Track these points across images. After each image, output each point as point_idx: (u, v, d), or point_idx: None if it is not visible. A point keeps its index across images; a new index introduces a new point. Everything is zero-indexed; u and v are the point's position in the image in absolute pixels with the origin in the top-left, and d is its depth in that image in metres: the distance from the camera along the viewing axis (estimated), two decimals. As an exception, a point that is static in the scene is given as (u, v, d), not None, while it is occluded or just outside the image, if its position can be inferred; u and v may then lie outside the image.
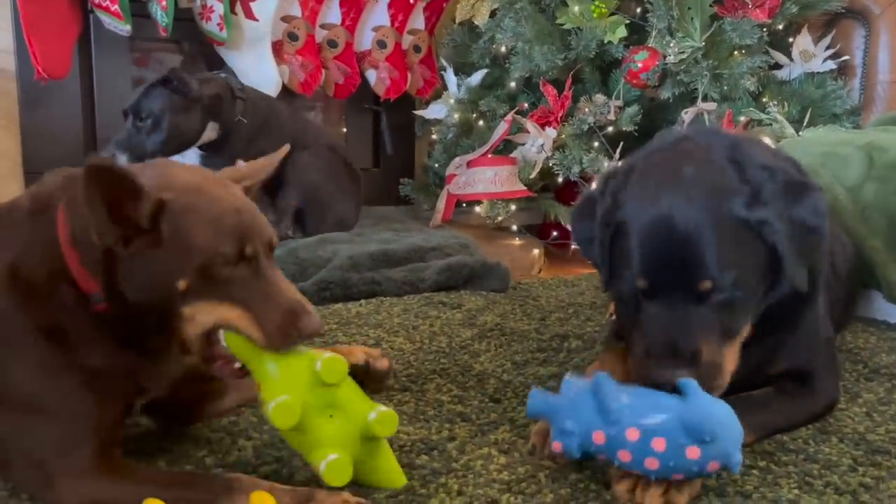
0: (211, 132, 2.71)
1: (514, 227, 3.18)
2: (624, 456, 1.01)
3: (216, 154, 2.78)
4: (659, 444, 0.98)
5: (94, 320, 1.02)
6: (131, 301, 0.99)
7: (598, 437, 1.03)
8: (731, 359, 1.12)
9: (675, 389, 1.03)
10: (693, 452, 0.98)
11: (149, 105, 2.58)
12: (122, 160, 2.58)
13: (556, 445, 1.06)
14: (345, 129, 3.86)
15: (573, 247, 3.05)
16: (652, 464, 0.99)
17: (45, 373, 1.01)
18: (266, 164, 1.22)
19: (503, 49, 3.25)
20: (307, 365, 1.01)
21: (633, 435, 1.00)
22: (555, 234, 3.17)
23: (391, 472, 1.07)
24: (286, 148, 1.30)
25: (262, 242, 1.03)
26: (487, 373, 1.60)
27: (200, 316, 1.00)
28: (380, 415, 1.01)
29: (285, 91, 3.28)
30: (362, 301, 2.20)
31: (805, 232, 1.14)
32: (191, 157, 2.78)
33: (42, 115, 3.14)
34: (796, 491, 1.09)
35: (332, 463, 0.98)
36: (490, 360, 1.70)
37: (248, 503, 0.92)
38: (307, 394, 1.00)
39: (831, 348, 1.43)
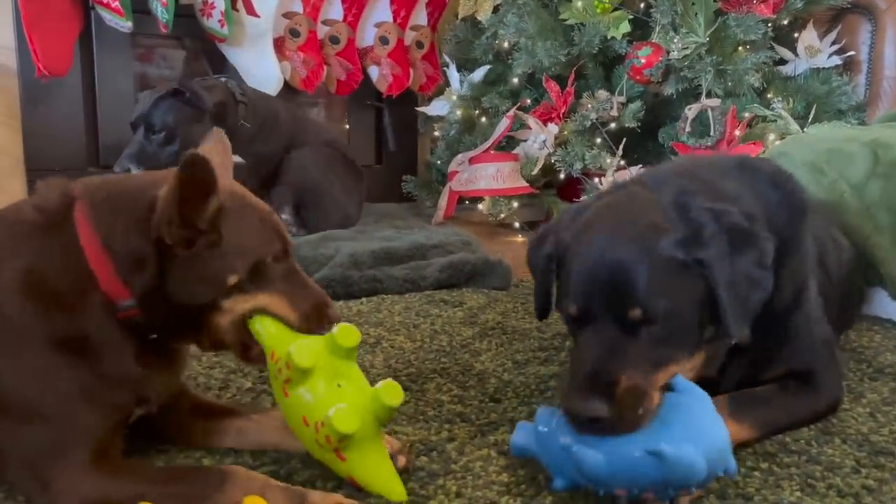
0: None
1: (517, 224, 3.17)
2: (620, 493, 1.00)
3: None
4: (649, 496, 0.99)
5: (116, 327, 1.04)
6: (176, 301, 1.04)
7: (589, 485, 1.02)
8: (662, 382, 1.07)
9: (592, 421, 0.99)
10: (685, 492, 0.99)
11: (161, 118, 2.57)
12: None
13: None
14: (347, 126, 3.86)
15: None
16: (649, 496, 1.00)
17: (52, 380, 1.01)
18: (219, 148, 1.29)
19: (506, 45, 3.23)
20: (322, 337, 1.08)
21: (620, 492, 1.00)
22: (557, 230, 3.16)
23: (392, 483, 1.04)
24: (222, 135, 1.33)
25: (291, 243, 1.14)
26: (488, 372, 1.59)
27: (238, 305, 1.06)
28: (386, 384, 1.03)
29: (287, 88, 3.27)
30: (363, 299, 2.19)
31: (747, 283, 1.12)
32: None
33: (44, 113, 3.14)
34: (798, 493, 1.07)
35: (340, 410, 1.00)
36: (491, 359, 1.69)
37: (242, 496, 0.94)
38: (320, 360, 1.04)
39: (831, 348, 1.41)
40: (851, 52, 2.98)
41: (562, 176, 2.99)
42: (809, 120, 2.71)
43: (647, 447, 0.95)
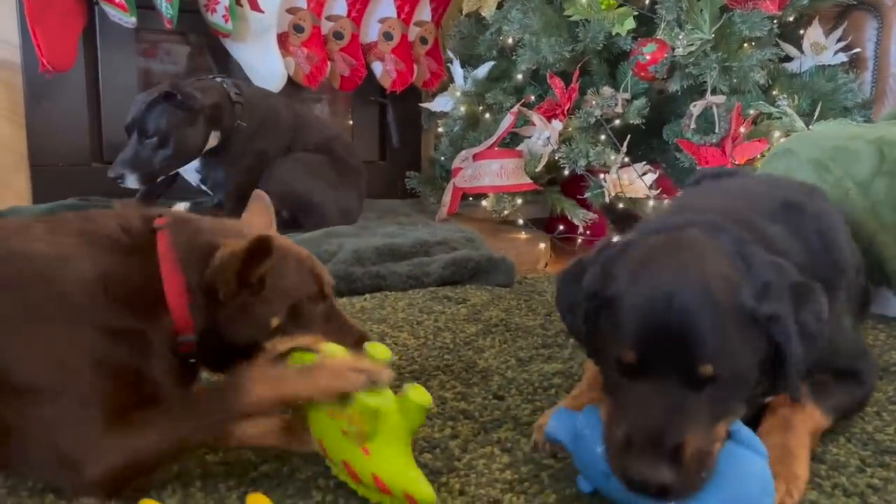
0: (213, 140, 2.70)
1: (521, 221, 3.16)
2: None
3: (216, 159, 2.77)
4: None
5: (171, 351, 1.12)
6: (226, 341, 1.14)
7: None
8: (719, 440, 1.01)
9: (658, 490, 0.93)
10: None
11: (153, 122, 2.56)
12: (132, 179, 2.58)
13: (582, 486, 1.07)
14: (351, 122, 3.85)
15: (579, 241, 3.04)
16: None
17: (88, 360, 1.02)
18: (260, 214, 1.40)
19: (510, 41, 3.22)
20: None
21: None
22: (561, 228, 3.15)
23: (420, 482, 1.00)
24: (263, 196, 1.43)
25: (328, 284, 1.25)
26: (492, 369, 1.59)
27: (279, 345, 1.12)
28: (413, 386, 1.04)
29: (290, 83, 3.26)
30: (367, 295, 2.19)
31: (808, 339, 1.06)
32: (191, 165, 2.77)
33: (47, 108, 3.14)
34: (806, 494, 1.07)
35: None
36: (494, 356, 1.68)
37: (260, 392, 1.00)
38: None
39: (863, 345, 1.43)
40: (857, 50, 2.96)
41: (566, 173, 2.97)
42: (815, 117, 2.70)
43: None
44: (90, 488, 0.96)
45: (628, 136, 2.84)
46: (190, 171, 2.84)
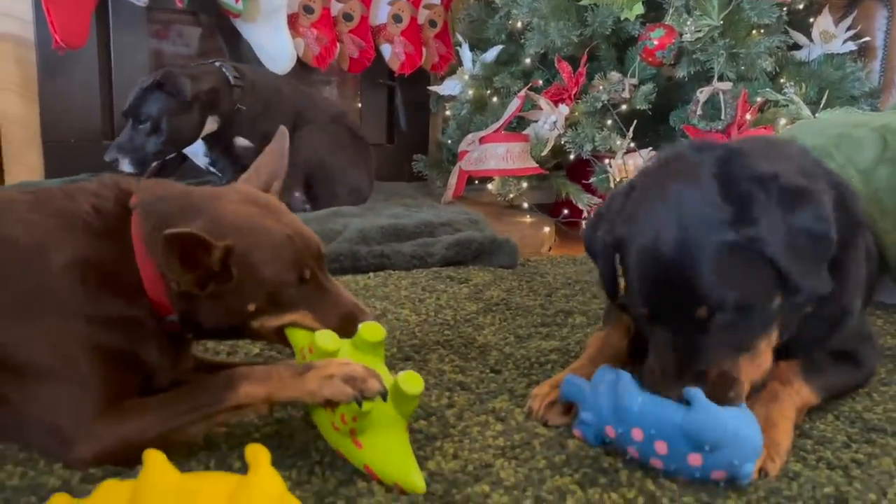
0: (212, 125, 2.73)
1: (526, 205, 3.18)
2: (632, 451, 1.06)
3: (219, 141, 2.80)
4: (661, 447, 1.02)
5: (156, 325, 1.13)
6: (205, 326, 1.13)
7: (610, 432, 1.09)
8: (749, 369, 1.09)
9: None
10: (694, 459, 1.00)
11: (146, 109, 2.60)
12: (125, 164, 2.62)
13: (576, 432, 1.14)
14: (359, 104, 3.87)
15: (583, 225, 3.05)
16: (657, 463, 1.04)
17: (80, 346, 1.05)
18: (276, 161, 1.33)
19: (519, 25, 3.22)
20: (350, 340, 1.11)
21: (637, 435, 1.04)
22: (566, 212, 3.17)
23: (410, 473, 1.00)
24: (285, 134, 1.37)
25: (314, 258, 1.17)
26: (490, 345, 1.62)
27: (268, 323, 1.14)
28: (406, 374, 1.02)
29: (300, 64, 3.28)
30: (371, 274, 2.22)
31: (811, 239, 1.08)
32: (197, 147, 2.81)
33: (60, 85, 3.17)
34: (790, 465, 1.10)
35: (324, 332, 1.07)
36: (493, 333, 1.71)
37: (251, 389, 1.02)
38: (345, 349, 1.08)
39: (868, 328, 1.45)
40: (867, 39, 2.96)
41: (571, 157, 2.99)
42: (821, 105, 2.70)
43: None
44: (79, 465, 1.01)
45: (635, 122, 2.84)
46: (199, 156, 2.88)
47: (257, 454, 0.74)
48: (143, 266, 1.10)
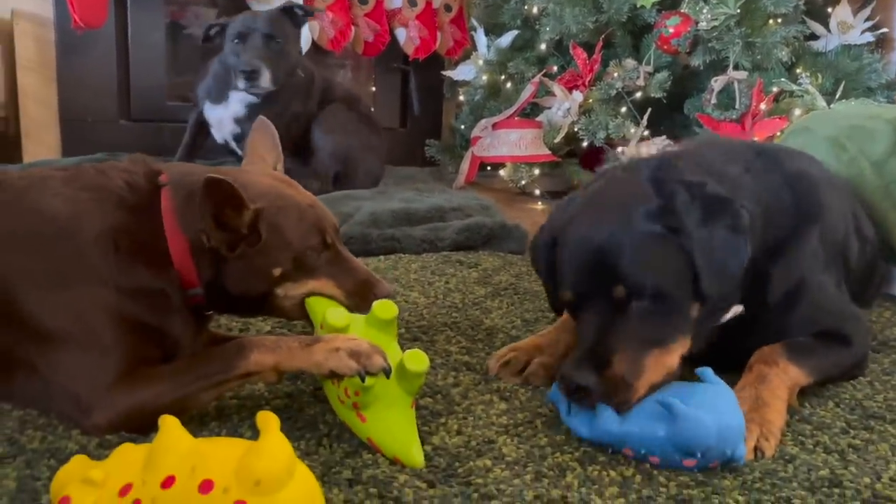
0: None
1: (537, 192, 3.19)
2: (627, 452, 1.07)
3: (259, 111, 2.85)
4: (654, 460, 1.04)
5: (181, 299, 1.17)
6: (234, 292, 1.18)
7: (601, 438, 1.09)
8: (655, 366, 1.09)
9: (578, 390, 1.06)
10: (689, 462, 1.02)
11: (281, 29, 2.75)
12: (265, 77, 2.70)
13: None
14: (373, 88, 3.88)
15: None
16: (654, 461, 1.05)
17: (106, 315, 1.09)
18: (273, 146, 1.39)
19: (534, 10, 3.22)
20: (364, 317, 1.14)
21: (628, 452, 1.06)
22: (577, 199, 3.18)
23: (410, 448, 1.03)
24: (267, 123, 1.43)
25: (333, 229, 1.25)
26: (497, 328, 1.64)
27: (291, 291, 1.20)
28: (411, 352, 1.04)
29: (314, 47, 3.30)
30: (381, 257, 2.25)
31: (723, 248, 1.14)
32: (237, 107, 2.85)
33: (78, 64, 3.21)
34: (787, 448, 1.11)
35: (334, 309, 1.12)
36: (501, 316, 1.74)
37: (260, 357, 1.06)
38: (355, 325, 1.11)
39: (852, 309, 1.45)
40: (885, 30, 2.93)
41: (584, 145, 2.99)
42: (837, 96, 2.69)
43: (660, 399, 1.03)
44: (96, 431, 1.05)
45: (649, 110, 2.84)
46: (227, 122, 2.90)
47: (268, 420, 0.77)
48: (172, 239, 1.15)
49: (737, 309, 1.26)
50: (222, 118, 2.88)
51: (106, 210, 1.13)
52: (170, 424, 0.79)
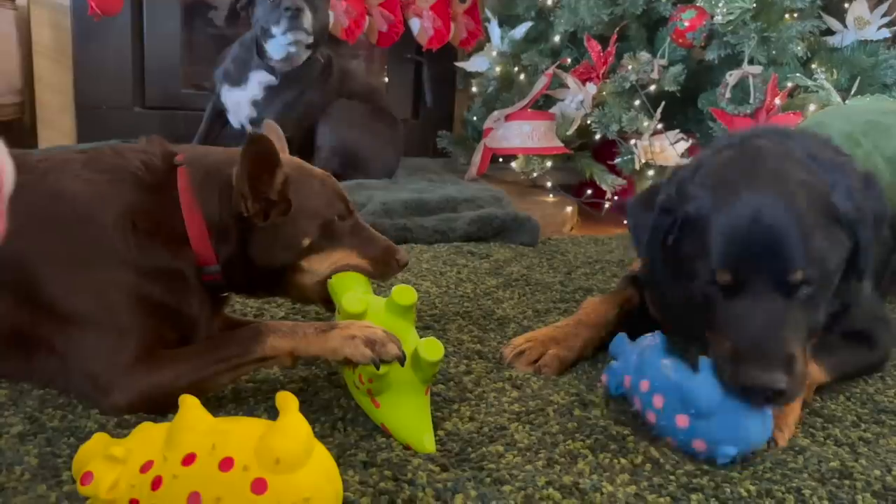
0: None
1: (549, 184, 3.19)
2: (636, 402, 1.11)
3: (276, 95, 2.87)
4: (658, 401, 1.06)
5: (198, 279, 1.18)
6: (260, 265, 1.19)
7: (626, 381, 1.14)
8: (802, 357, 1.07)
9: (776, 393, 1.01)
10: (682, 420, 1.04)
11: None
12: (308, 19, 2.74)
13: (603, 377, 1.21)
14: (386, 79, 3.88)
15: (606, 206, 3.06)
16: (651, 417, 1.09)
17: (125, 296, 1.10)
18: (278, 138, 1.41)
19: (549, 2, 3.21)
20: (384, 301, 1.15)
21: (644, 386, 1.09)
22: (589, 192, 3.17)
23: (421, 435, 1.04)
24: (274, 126, 1.46)
25: (351, 201, 1.28)
26: (508, 318, 1.65)
27: (317, 265, 1.22)
28: (427, 340, 1.05)
29: (328, 37, 3.31)
30: (393, 246, 2.26)
31: (880, 222, 1.14)
32: (255, 89, 2.87)
33: (94, 51, 3.23)
34: (798, 440, 1.12)
35: (352, 295, 1.12)
36: (512, 307, 1.75)
37: (276, 342, 1.08)
38: (373, 311, 1.12)
39: (884, 312, 1.47)
40: (903, 25, 2.90)
41: (597, 137, 2.98)
42: (852, 92, 2.67)
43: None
44: (114, 411, 1.07)
45: (662, 103, 2.83)
46: (244, 105, 2.91)
47: (287, 400, 0.78)
48: (189, 218, 1.16)
49: None
50: (240, 101, 2.90)
51: (123, 191, 1.15)
52: (190, 403, 0.80)
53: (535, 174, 3.13)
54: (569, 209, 2.97)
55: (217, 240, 1.18)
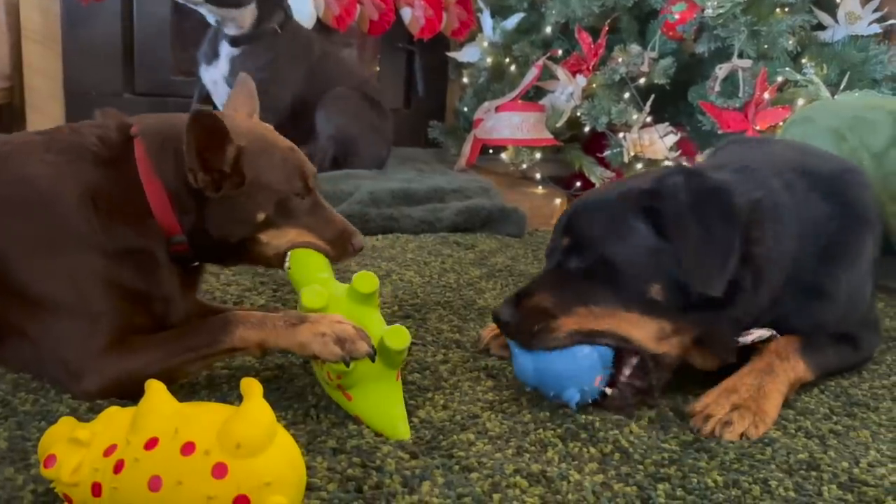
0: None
1: (538, 176, 3.19)
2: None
3: (241, 64, 2.83)
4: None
5: (165, 252, 1.17)
6: (217, 237, 1.17)
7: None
8: (584, 315, 1.14)
9: (499, 322, 1.18)
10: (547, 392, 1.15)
11: None
12: None
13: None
14: (378, 68, 3.87)
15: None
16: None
17: (95, 280, 1.10)
18: (250, 102, 1.37)
19: (541, -7, 3.20)
20: (345, 287, 1.14)
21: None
22: (578, 184, 3.17)
23: (395, 423, 1.05)
24: (247, 78, 1.41)
25: (312, 175, 1.25)
26: (489, 308, 1.65)
27: (274, 240, 1.21)
28: (392, 328, 1.04)
29: (319, 25, 3.29)
30: (379, 236, 2.26)
31: (706, 240, 1.15)
32: (224, 65, 2.85)
33: (83, 37, 3.21)
34: (769, 432, 1.13)
35: (310, 289, 1.11)
36: (494, 297, 1.75)
37: (244, 333, 1.07)
38: (334, 303, 1.11)
39: (875, 315, 1.49)
40: (893, 21, 2.90)
41: (587, 130, 2.98)
42: (841, 87, 2.67)
43: None
44: (86, 397, 1.07)
45: (652, 96, 2.83)
46: (220, 82, 2.88)
47: (251, 386, 0.78)
48: (149, 187, 1.15)
49: (762, 333, 1.23)
50: (216, 79, 2.88)
51: (83, 170, 1.13)
52: (155, 388, 0.80)
53: (524, 166, 3.13)
54: (558, 201, 2.97)
55: (179, 209, 1.16)
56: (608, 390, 1.14)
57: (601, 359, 1.13)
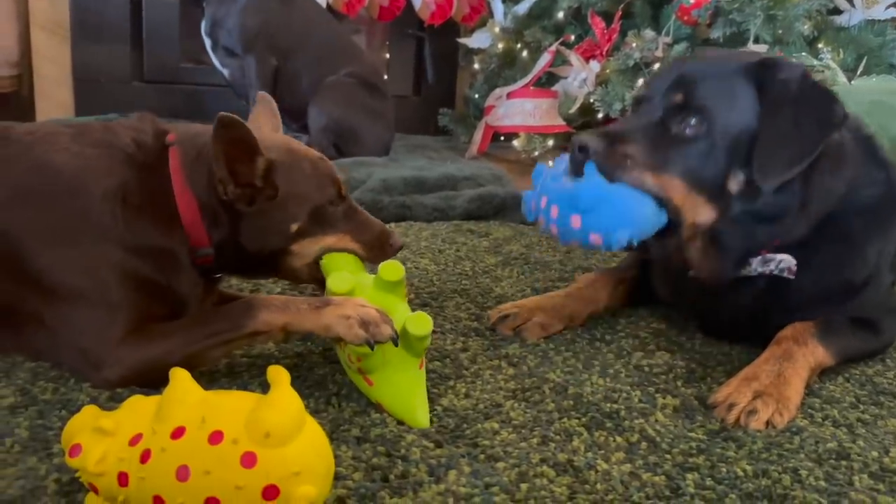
0: None
1: (551, 164, 3.16)
2: (541, 221, 1.20)
3: (216, 24, 2.85)
4: (555, 211, 1.14)
5: (189, 260, 1.17)
6: (250, 250, 1.17)
7: (533, 205, 1.23)
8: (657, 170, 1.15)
9: (581, 148, 1.15)
10: (575, 221, 1.11)
11: None
12: None
13: (523, 204, 1.28)
14: (387, 55, 3.84)
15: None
16: (553, 230, 1.17)
17: (115, 272, 1.09)
18: (273, 119, 1.39)
19: (553, -22, 3.17)
20: (373, 278, 1.14)
21: (543, 202, 1.17)
22: (590, 172, 3.15)
23: (415, 410, 1.03)
24: (269, 99, 1.41)
25: (344, 182, 1.25)
26: (507, 296, 1.64)
27: (307, 249, 1.20)
28: (415, 315, 1.03)
29: (329, 11, 3.27)
30: (392, 223, 2.24)
31: (796, 136, 1.18)
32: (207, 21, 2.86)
33: (92, 24, 3.20)
34: (796, 421, 1.11)
35: (338, 274, 1.11)
36: (511, 285, 1.73)
37: (268, 317, 1.06)
38: (366, 294, 1.10)
39: (891, 295, 1.46)
40: (912, 4, 2.85)
41: (600, 116, 2.96)
42: (858, 72, 2.63)
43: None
44: (106, 386, 1.06)
45: (666, 82, 2.80)
46: (206, 40, 2.92)
47: (279, 374, 0.76)
48: (181, 198, 1.14)
49: (786, 260, 1.24)
50: (204, 38, 2.91)
51: (113, 167, 1.12)
52: (180, 376, 0.79)
53: (536, 153, 3.11)
54: (570, 188, 2.95)
55: (210, 223, 1.15)
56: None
57: (659, 215, 1.15)
